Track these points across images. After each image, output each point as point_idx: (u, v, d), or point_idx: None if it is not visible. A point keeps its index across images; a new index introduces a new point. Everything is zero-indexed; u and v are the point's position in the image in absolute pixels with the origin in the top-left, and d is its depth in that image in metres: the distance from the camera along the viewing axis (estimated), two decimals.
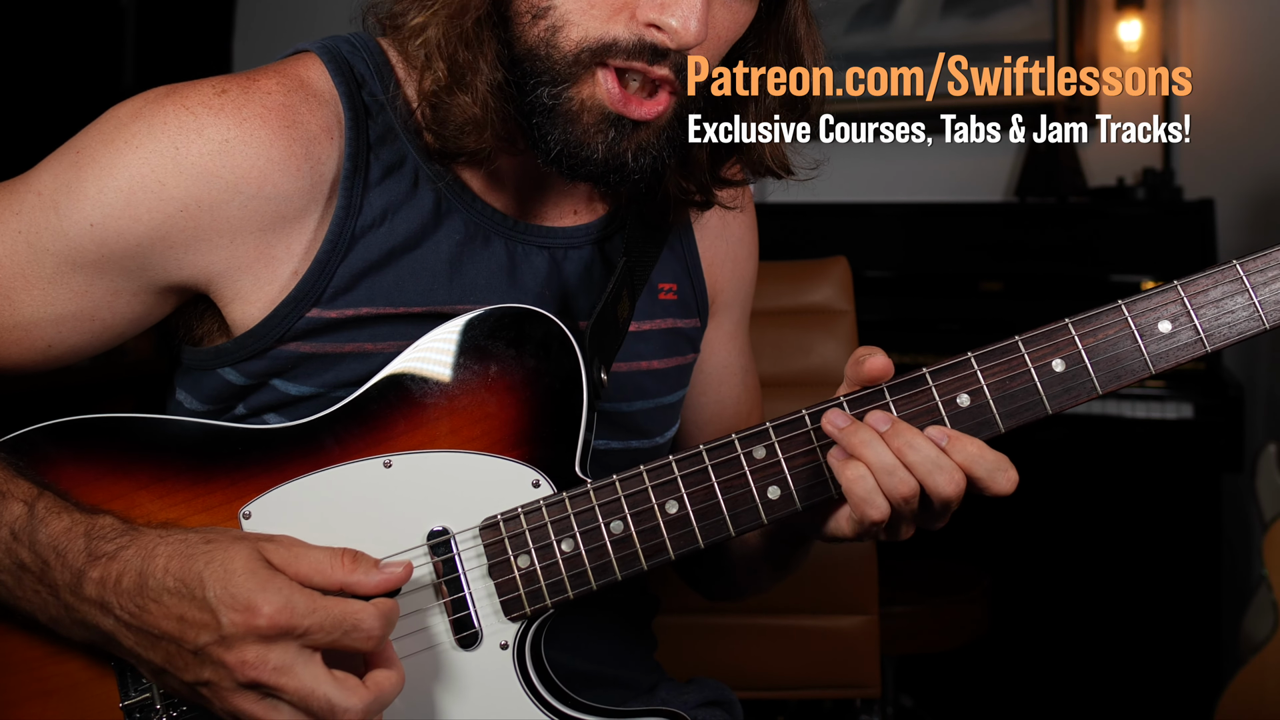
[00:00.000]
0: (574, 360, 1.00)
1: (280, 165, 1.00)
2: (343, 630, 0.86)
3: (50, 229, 1.00)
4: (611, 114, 0.99)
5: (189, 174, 0.98)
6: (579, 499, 0.97)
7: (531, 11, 0.98)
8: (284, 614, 0.84)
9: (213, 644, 0.85)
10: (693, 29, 0.95)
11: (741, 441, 0.97)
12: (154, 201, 0.98)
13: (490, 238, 1.09)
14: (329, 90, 1.04)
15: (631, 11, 0.96)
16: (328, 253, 1.02)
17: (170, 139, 0.98)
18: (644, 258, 1.15)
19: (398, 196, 1.05)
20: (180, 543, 0.89)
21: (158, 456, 0.99)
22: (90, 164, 0.99)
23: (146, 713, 0.96)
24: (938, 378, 0.96)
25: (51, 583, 0.90)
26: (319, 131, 1.02)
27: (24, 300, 1.01)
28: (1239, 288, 0.94)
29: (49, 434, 0.99)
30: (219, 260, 1.01)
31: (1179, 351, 0.94)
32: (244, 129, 0.99)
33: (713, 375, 1.33)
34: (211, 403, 1.09)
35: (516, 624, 0.98)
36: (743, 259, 1.31)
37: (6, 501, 0.93)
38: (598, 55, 0.97)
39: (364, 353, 1.04)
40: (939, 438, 0.93)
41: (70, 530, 0.91)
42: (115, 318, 1.04)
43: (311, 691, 0.84)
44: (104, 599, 0.89)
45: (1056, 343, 0.95)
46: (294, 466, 0.99)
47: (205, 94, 1.00)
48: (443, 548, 0.98)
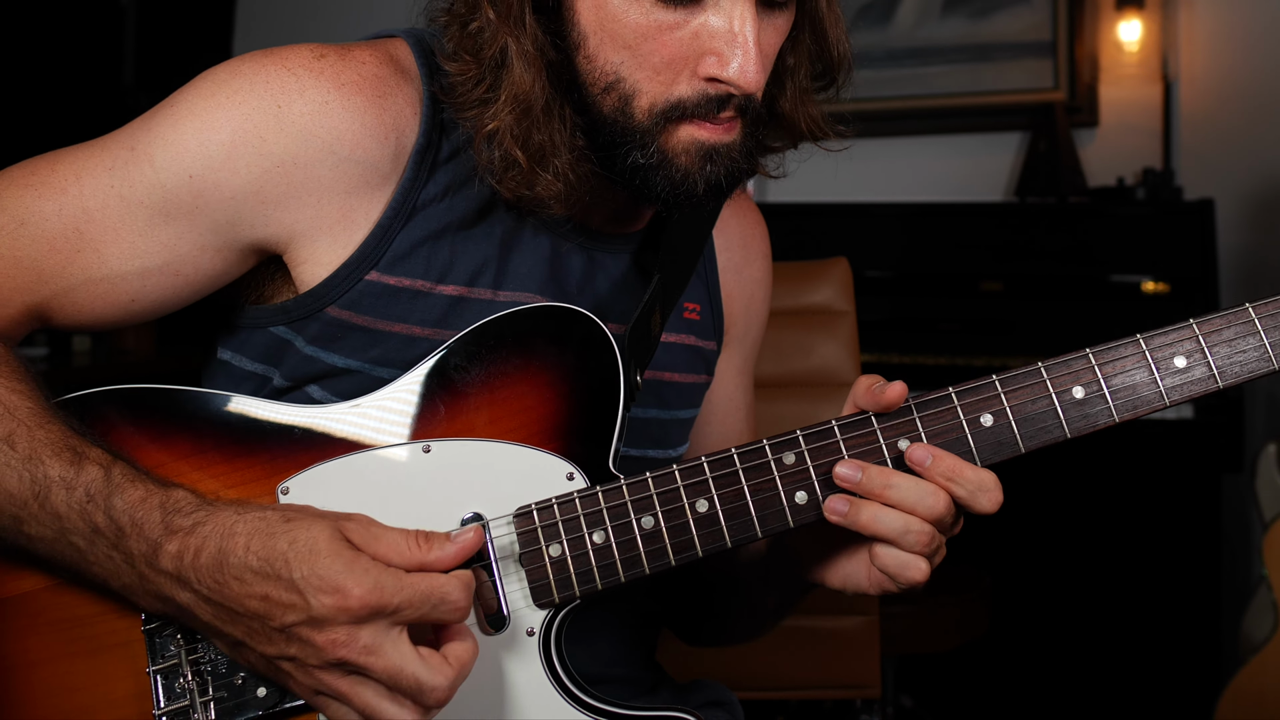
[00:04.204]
0: (613, 361, 1.03)
1: (371, 132, 1.03)
2: (431, 605, 0.87)
3: (145, 181, 1.02)
4: (706, 149, 1.03)
5: (289, 131, 1.01)
6: (612, 493, 1.00)
7: (600, 84, 1.02)
8: (374, 594, 0.85)
9: (301, 624, 0.86)
10: (751, 78, 0.98)
11: (772, 447, 1.00)
12: (254, 156, 1.01)
13: (538, 231, 1.12)
14: (414, 69, 1.08)
15: (692, 69, 1.00)
16: (390, 219, 1.05)
17: (274, 96, 1.01)
18: (677, 275, 1.19)
19: (460, 177, 1.08)
20: (259, 520, 0.89)
21: (198, 428, 1.01)
22: (190, 117, 1.02)
23: (172, 679, 0.96)
24: (963, 397, 1.00)
25: (127, 551, 0.91)
26: (404, 105, 1.06)
27: (112, 253, 1.03)
28: (1250, 329, 0.98)
29: (108, 398, 1.01)
30: (304, 219, 1.04)
31: (1193, 385, 0.99)
32: (342, 93, 1.02)
33: (720, 408, 1.35)
34: (261, 361, 1.11)
35: (544, 612, 1.00)
36: (759, 300, 1.36)
37: (84, 462, 0.93)
38: (668, 116, 1.01)
39: (411, 335, 1.06)
40: (923, 457, 0.97)
41: (146, 501, 0.91)
42: (197, 273, 1.06)
43: (400, 670, 0.86)
44: (181, 573, 0.89)
45: (1076, 370, 0.99)
46: (334, 446, 1.01)
47: (305, 57, 1.03)
48: None
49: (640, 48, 0.99)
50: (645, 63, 1.00)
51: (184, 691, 0.96)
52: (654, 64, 1.00)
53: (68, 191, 1.02)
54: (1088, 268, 3.19)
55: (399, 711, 0.87)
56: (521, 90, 1.00)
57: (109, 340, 3.63)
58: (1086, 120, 3.56)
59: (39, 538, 0.94)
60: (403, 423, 1.01)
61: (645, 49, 0.99)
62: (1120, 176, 3.45)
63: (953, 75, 3.66)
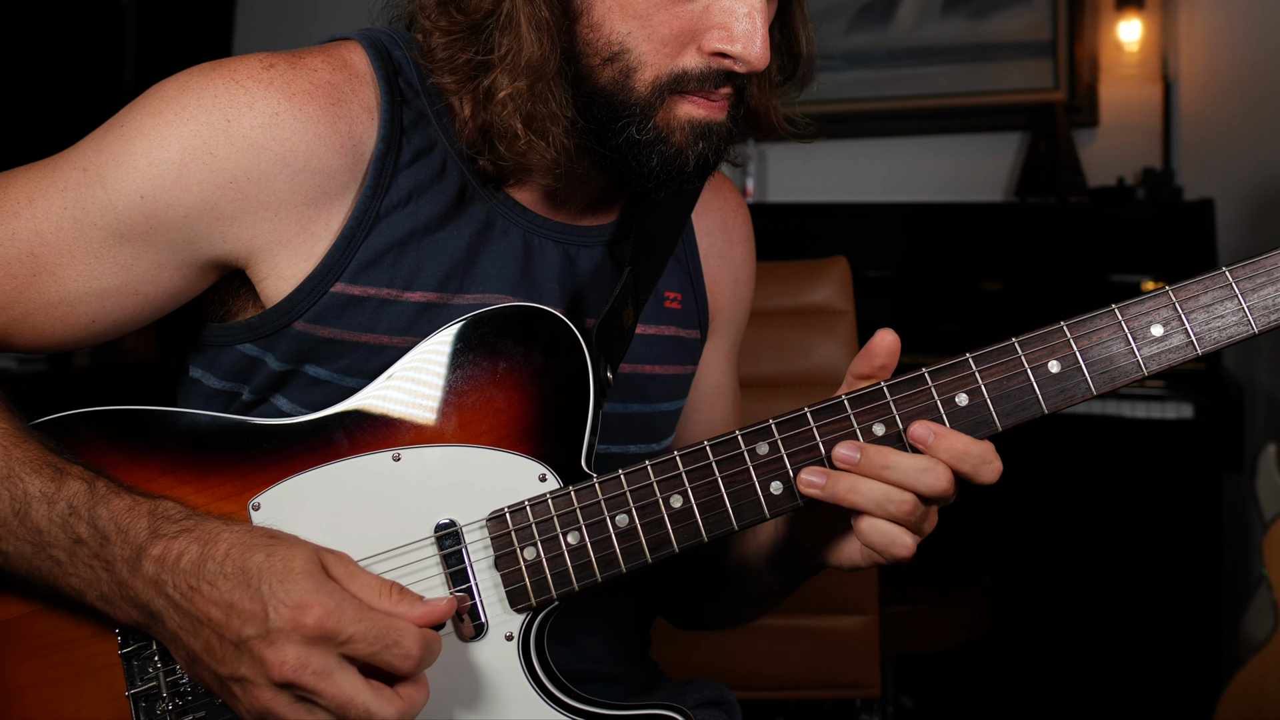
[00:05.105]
0: (581, 358, 1.02)
1: (326, 141, 1.02)
2: (383, 644, 0.86)
3: (98, 203, 1.00)
4: (700, 126, 1.03)
5: (240, 146, 0.99)
6: (585, 493, 0.99)
7: (601, 55, 1.01)
8: (331, 618, 0.84)
9: (256, 638, 0.85)
10: (758, 54, 0.99)
11: (745, 438, 0.99)
12: (205, 173, 0.99)
13: (509, 228, 1.11)
14: (369, 73, 1.06)
15: (698, 42, 1.00)
16: (353, 228, 1.04)
17: (222, 111, 0.99)
18: (651, 266, 1.17)
19: (424, 180, 1.07)
20: (245, 533, 0.90)
21: (169, 448, 1.00)
22: (139, 136, 1.00)
23: (152, 702, 0.96)
24: (937, 378, 0.98)
25: (109, 558, 0.91)
26: (360, 111, 1.04)
27: (69, 276, 1.02)
28: (1229, 294, 0.96)
29: (81, 420, 1.01)
30: (262, 234, 1.02)
31: (1171, 354, 0.97)
32: (293, 104, 1.01)
33: (707, 395, 1.34)
34: (229, 379, 1.10)
35: (522, 616, 0.99)
36: (743, 283, 1.34)
37: (65, 478, 0.93)
38: (671, 88, 1.01)
39: (379, 344, 1.05)
40: (925, 435, 0.95)
41: (133, 509, 0.92)
42: (157, 292, 1.05)
43: (350, 699, 0.84)
44: (160, 577, 0.89)
45: (1052, 344, 0.98)
46: (303, 459, 1.00)
47: (253, 68, 1.01)
48: (450, 540, 0.99)
49: (652, 18, 0.99)
50: (654, 34, 0.99)
51: (163, 714, 0.96)
52: (662, 35, 0.99)
53: (20, 215, 1.01)
54: (1088, 268, 3.19)
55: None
56: (532, 57, 0.99)
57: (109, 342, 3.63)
58: (1086, 120, 3.56)
59: (15, 554, 0.93)
60: (372, 431, 1.00)
61: (656, 19, 0.99)
62: (1120, 176, 3.45)
63: (953, 75, 3.66)
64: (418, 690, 0.88)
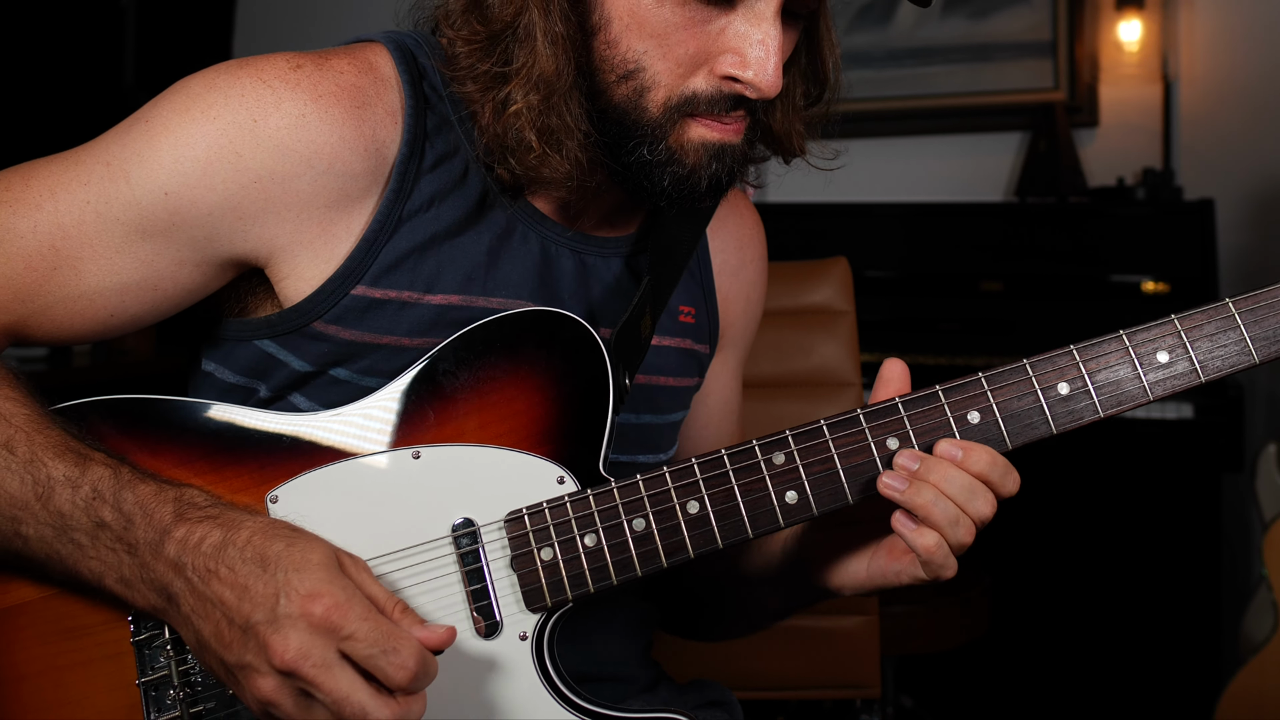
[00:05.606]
0: (601, 364, 1.03)
1: (350, 144, 1.02)
2: (382, 649, 0.85)
3: (121, 198, 1.00)
4: (714, 148, 1.03)
5: (266, 146, 1.00)
6: (603, 496, 1.00)
7: (617, 71, 1.01)
8: (339, 610, 0.85)
9: (263, 623, 0.85)
10: (769, 80, 0.98)
11: (762, 448, 1.01)
12: (230, 172, 1.00)
13: (529, 235, 1.11)
14: (394, 76, 1.06)
15: (710, 65, 1.00)
16: (375, 232, 1.04)
17: (249, 110, 0.99)
18: (667, 278, 1.18)
19: (446, 185, 1.07)
20: (268, 523, 0.91)
21: (185, 438, 1.01)
22: (165, 133, 1.00)
23: (162, 691, 0.97)
24: (950, 395, 1.00)
25: (132, 541, 0.91)
26: (385, 115, 1.04)
27: (89, 270, 1.02)
28: (1230, 324, 1.00)
29: (95, 408, 1.01)
30: (284, 234, 1.03)
31: (1175, 380, 1.00)
32: (319, 105, 1.01)
33: (715, 410, 1.35)
34: (245, 375, 1.10)
35: (536, 616, 1.00)
36: (755, 301, 1.35)
37: (89, 463, 0.93)
38: (682, 109, 1.01)
39: (400, 346, 1.05)
40: (954, 452, 0.97)
41: (159, 494, 0.92)
42: (176, 288, 1.05)
43: (347, 696, 0.84)
44: (181, 559, 0.89)
45: (1061, 367, 1.01)
46: (322, 454, 1.00)
47: (281, 68, 1.02)
48: (467, 539, 1.00)
49: (669, 38, 0.99)
50: (670, 54, 0.99)
51: (174, 703, 0.96)
52: (678, 55, 0.99)
53: (43, 208, 1.01)
54: (1088, 268, 3.19)
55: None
56: (545, 72, 0.99)
57: (108, 341, 3.63)
58: (1086, 120, 3.56)
59: (36, 538, 0.94)
60: (387, 430, 1.01)
61: (673, 40, 0.99)
62: (1120, 176, 3.45)
63: (953, 75, 3.66)
64: (415, 701, 0.88)
